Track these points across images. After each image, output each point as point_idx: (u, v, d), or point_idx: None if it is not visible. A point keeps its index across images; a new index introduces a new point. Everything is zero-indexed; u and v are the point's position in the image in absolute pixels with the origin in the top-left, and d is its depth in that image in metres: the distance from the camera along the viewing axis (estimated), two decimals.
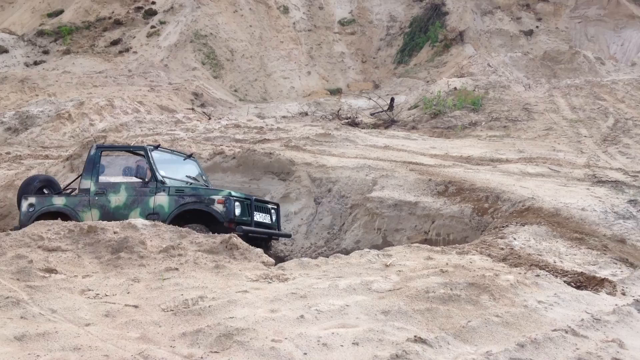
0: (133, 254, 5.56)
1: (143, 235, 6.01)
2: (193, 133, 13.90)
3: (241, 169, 10.43)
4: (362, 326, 4.44)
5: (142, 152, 8.56)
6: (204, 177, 9.26)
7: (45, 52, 24.42)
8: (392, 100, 20.55)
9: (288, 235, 9.31)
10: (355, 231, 9.43)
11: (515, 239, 7.16)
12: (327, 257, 9.24)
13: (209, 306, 4.61)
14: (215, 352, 4.02)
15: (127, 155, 9.32)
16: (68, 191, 9.37)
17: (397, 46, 28.37)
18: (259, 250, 6.05)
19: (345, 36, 28.52)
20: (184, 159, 9.15)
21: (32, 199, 8.77)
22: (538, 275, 5.65)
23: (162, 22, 25.62)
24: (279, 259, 9.42)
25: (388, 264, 5.75)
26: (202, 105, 21.50)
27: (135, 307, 4.63)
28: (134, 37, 25.16)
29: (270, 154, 10.48)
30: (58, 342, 3.97)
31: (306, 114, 20.84)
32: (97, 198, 8.35)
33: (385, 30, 28.99)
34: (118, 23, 25.68)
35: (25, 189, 9.16)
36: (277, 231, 8.78)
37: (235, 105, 22.39)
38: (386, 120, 16.58)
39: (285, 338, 4.21)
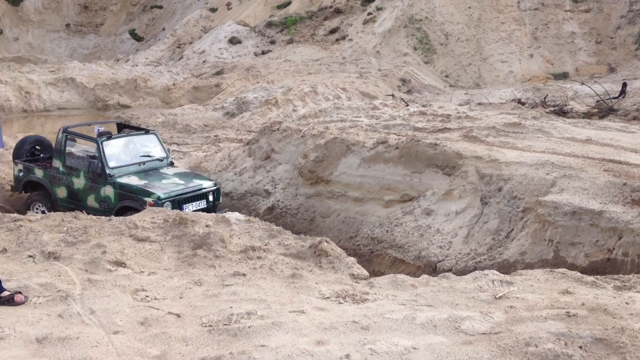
0: (210, 252, 5.07)
1: (232, 231, 5.50)
2: (377, 120, 13.21)
3: (403, 160, 9.43)
4: None
5: (95, 143, 8.93)
6: (164, 150, 9.60)
7: (272, 42, 25.69)
8: (625, 85, 17.47)
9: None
10: (521, 240, 7.87)
11: None
12: (485, 268, 7.97)
13: (249, 327, 3.90)
14: None
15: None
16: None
17: None
18: (351, 260, 5.14)
19: (577, 14, 25.18)
20: (145, 134, 9.63)
21: (21, 166, 9.61)
22: None
23: (378, 9, 25.23)
24: (430, 264, 8.34)
25: (499, 295, 4.42)
26: (409, 92, 20.64)
27: (178, 316, 4.12)
28: (351, 25, 25.17)
29: (436, 145, 9.29)
30: (72, 351, 3.62)
31: (519, 101, 18.73)
32: (64, 177, 9.14)
33: (628, 6, 24.93)
34: (338, 12, 25.93)
35: (18, 152, 9.88)
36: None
37: (444, 92, 21.10)
38: (602, 109, 13.99)
39: None
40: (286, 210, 10.01)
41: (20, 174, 9.65)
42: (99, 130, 17.27)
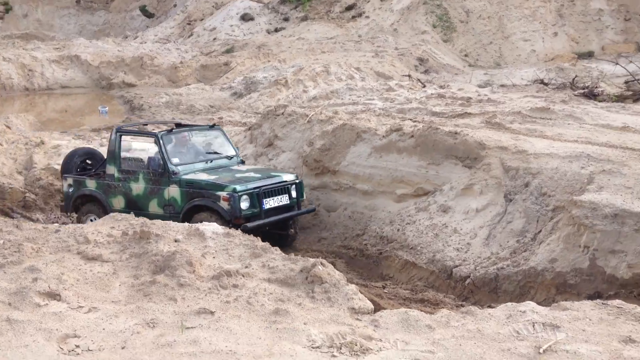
0: (173, 279, 3.98)
1: (206, 247, 4.41)
2: (391, 103, 12.00)
3: (419, 150, 8.25)
4: None
5: (154, 139, 7.83)
6: (233, 147, 8.51)
7: (286, 19, 24.40)
8: None
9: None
10: (551, 245, 6.69)
11: None
12: (508, 276, 6.83)
13: None
14: None
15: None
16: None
17: None
18: (352, 289, 4.01)
19: None
20: (208, 129, 8.58)
21: (70, 180, 8.37)
22: None
23: None
24: (446, 269, 7.19)
25: (543, 349, 3.28)
26: (426, 72, 19.30)
27: None
28: (368, 2, 23.75)
29: (456, 133, 8.09)
30: None
31: (542, 81, 17.33)
32: (120, 184, 7.97)
33: None
34: None
35: (67, 167, 8.62)
36: (293, 212, 7.92)
37: (463, 72, 19.72)
38: (637, 91, 12.61)
39: None
40: None
41: (70, 190, 8.30)
42: (103, 110, 15.64)
